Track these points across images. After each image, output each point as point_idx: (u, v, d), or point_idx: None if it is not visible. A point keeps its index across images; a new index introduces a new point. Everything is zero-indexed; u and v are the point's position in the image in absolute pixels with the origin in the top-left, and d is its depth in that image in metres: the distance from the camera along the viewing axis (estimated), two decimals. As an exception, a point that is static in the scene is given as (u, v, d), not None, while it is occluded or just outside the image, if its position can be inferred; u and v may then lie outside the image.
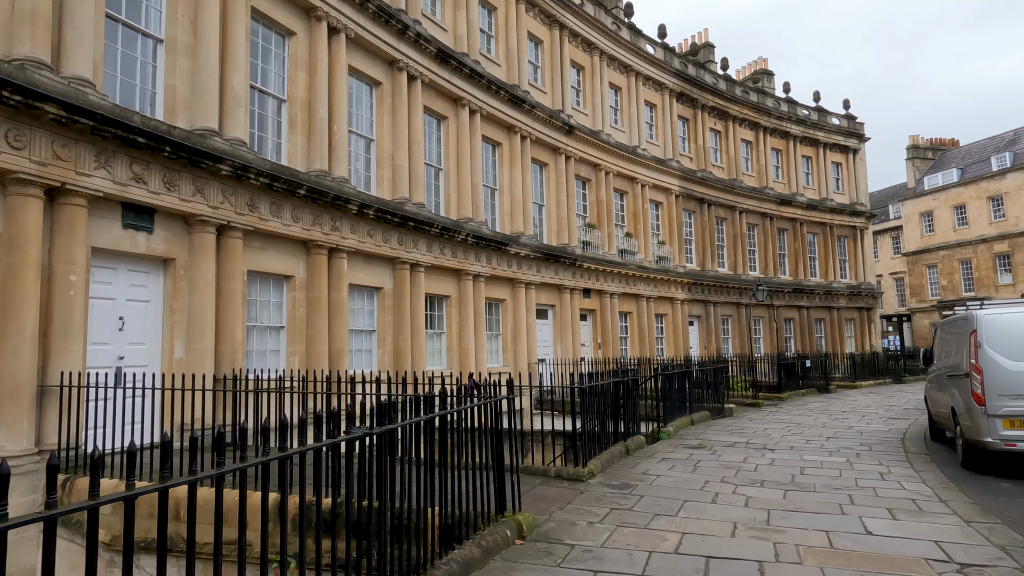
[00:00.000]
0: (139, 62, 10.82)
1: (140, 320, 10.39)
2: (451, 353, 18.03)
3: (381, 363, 15.44)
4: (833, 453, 10.70)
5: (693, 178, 30.19)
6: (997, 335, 8.94)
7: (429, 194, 18.11)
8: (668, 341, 28.12)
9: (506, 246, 19.69)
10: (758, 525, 6.37)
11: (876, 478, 8.65)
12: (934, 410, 11.99)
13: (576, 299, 23.42)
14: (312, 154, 13.78)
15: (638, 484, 8.20)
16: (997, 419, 8.71)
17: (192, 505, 2.95)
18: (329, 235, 13.70)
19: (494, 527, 5.68)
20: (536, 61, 23.46)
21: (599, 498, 7.45)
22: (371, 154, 16.14)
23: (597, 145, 25.10)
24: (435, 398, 5.07)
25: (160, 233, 10.54)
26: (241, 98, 11.97)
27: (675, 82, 29.98)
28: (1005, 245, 44.64)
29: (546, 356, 22.15)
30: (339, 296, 13.93)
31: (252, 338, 12.45)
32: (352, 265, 14.58)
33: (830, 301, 35.84)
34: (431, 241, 16.97)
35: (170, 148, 10.06)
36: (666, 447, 11.39)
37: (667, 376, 13.54)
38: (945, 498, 7.44)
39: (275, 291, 13.03)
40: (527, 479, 8.31)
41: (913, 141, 54.34)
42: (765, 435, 12.88)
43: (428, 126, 18.30)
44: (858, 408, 18.14)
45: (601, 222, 25.32)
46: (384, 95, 16.35)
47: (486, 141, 20.49)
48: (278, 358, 12.92)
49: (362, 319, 15.35)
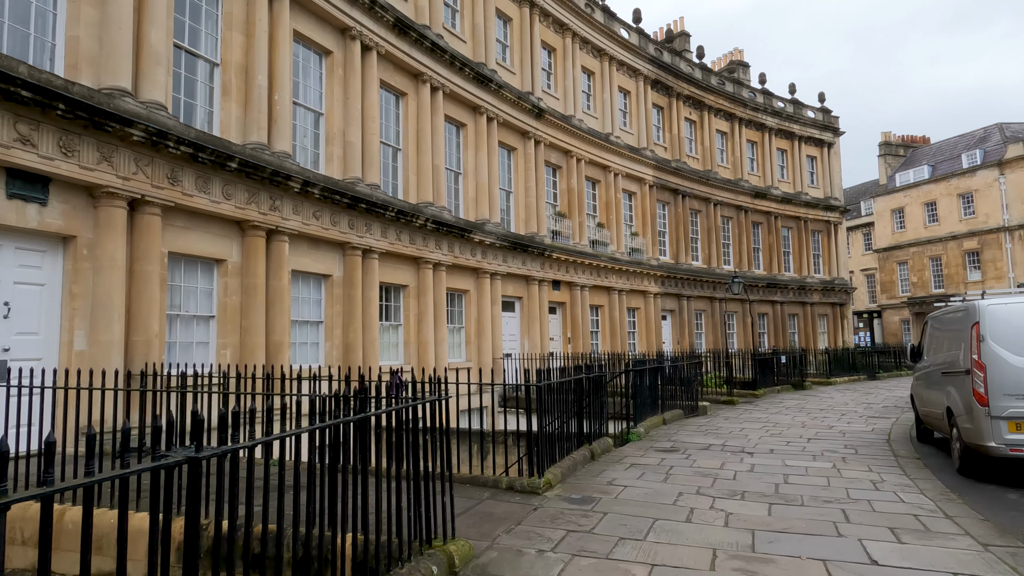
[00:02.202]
0: (34, 7, 9.34)
1: (32, 306, 8.96)
2: (408, 347, 16.78)
3: (328, 357, 14.14)
4: (817, 457, 9.74)
5: (668, 168, 29.29)
6: (1002, 328, 8.02)
7: (386, 175, 16.81)
8: (640, 336, 27.20)
9: (470, 233, 18.48)
10: (742, 552, 5.30)
11: (869, 488, 7.68)
12: (923, 410, 11.12)
13: (545, 291, 22.31)
14: (249, 125, 12.40)
15: (602, 498, 7.09)
16: (1001, 421, 7.79)
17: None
18: (267, 215, 12.35)
19: (416, 563, 4.50)
20: (505, 40, 22.23)
21: (555, 516, 6.31)
22: (320, 129, 14.78)
23: (568, 131, 23.98)
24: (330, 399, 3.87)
25: (57, 206, 9.11)
26: (161, 56, 10.54)
27: (650, 69, 29.01)
28: (975, 242, 44.75)
29: (512, 350, 21.02)
30: (279, 283, 12.59)
31: (175, 329, 11.07)
32: (295, 249, 13.25)
33: (804, 296, 35.36)
34: (386, 226, 15.67)
35: (64, 106, 8.64)
36: (636, 450, 10.33)
37: (638, 372, 12.49)
38: (951, 513, 6.46)
39: (204, 276, 11.65)
40: (474, 492, 7.15)
41: (885, 138, 54.36)
42: (742, 436, 11.91)
43: (386, 102, 16.98)
44: (836, 406, 17.36)
45: (572, 211, 24.23)
46: (335, 65, 14.99)
47: (449, 121, 19.23)
48: (207, 351, 11.55)
49: (307, 309, 14.02)
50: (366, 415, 3.93)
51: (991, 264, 43.65)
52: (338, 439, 3.89)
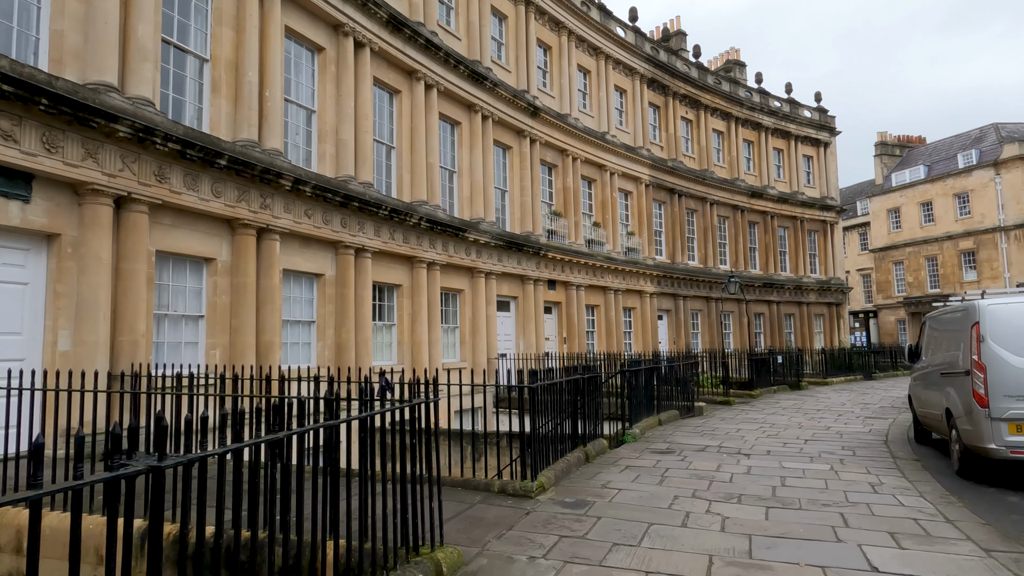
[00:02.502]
0: (17, 0, 9.15)
1: (15, 306, 8.77)
2: (402, 347, 16.61)
3: (320, 358, 13.96)
4: (814, 459, 9.61)
5: (664, 167, 29.17)
6: (1002, 328, 7.90)
7: (379, 174, 16.63)
8: (636, 336, 27.07)
9: (464, 232, 18.32)
10: (739, 559, 5.15)
11: (867, 490, 7.55)
12: (921, 411, 11.00)
13: (540, 291, 22.16)
14: (239, 122, 12.21)
15: (596, 501, 6.94)
16: (1002, 423, 7.67)
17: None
18: (258, 213, 12.17)
19: (402, 571, 4.34)
20: (500, 38, 22.07)
21: (548, 521, 6.16)
22: (312, 127, 14.60)
23: (564, 129, 23.84)
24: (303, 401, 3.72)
25: (41, 203, 8.92)
26: (148, 52, 10.35)
27: (646, 67, 28.88)
28: (971, 242, 44.75)
29: (508, 351, 20.87)
30: (270, 282, 12.40)
31: (163, 328, 10.88)
32: (287, 248, 13.07)
33: (800, 296, 35.28)
34: (380, 224, 15.50)
35: (48, 101, 8.45)
36: (631, 452, 10.18)
37: (633, 373, 12.35)
38: (952, 517, 6.33)
39: (193, 275, 11.46)
40: (465, 496, 6.99)
41: (881, 138, 54.35)
42: (739, 437, 11.78)
43: (379, 100, 16.80)
44: (833, 406, 17.25)
45: (568, 210, 24.09)
46: (327, 62, 14.81)
47: (444, 120, 19.07)
48: (196, 351, 11.37)
49: (299, 309, 13.84)
50: (335, 422, 3.77)
51: (987, 264, 43.66)
52: (308, 446, 3.74)
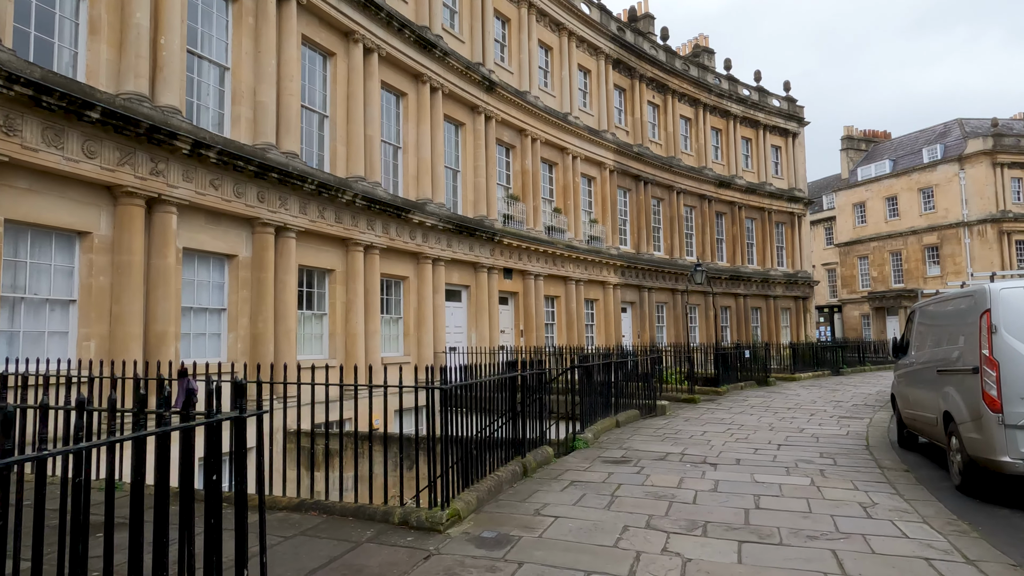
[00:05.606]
0: None
1: None
2: (334, 339, 14.84)
3: (232, 351, 12.15)
4: (791, 470, 8.23)
5: (629, 153, 27.80)
6: (1018, 317, 6.57)
7: (309, 145, 14.82)
8: (599, 329, 25.70)
9: (408, 213, 16.61)
10: (704, 635, 3.65)
11: (859, 514, 6.15)
12: (908, 412, 9.72)
13: (495, 279, 20.56)
14: (124, 71, 10.30)
15: (522, 536, 5.39)
16: (1018, 431, 6.34)
17: None
18: (147, 180, 10.29)
19: None
20: (452, 5, 20.33)
21: (451, 569, 4.59)
22: (225, 86, 12.72)
23: (523, 107, 22.23)
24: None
25: None
26: (-6, -27, 8.42)
27: (612, 47, 27.42)
28: (934, 237, 44.60)
29: (459, 344, 19.23)
30: (163, 262, 10.55)
31: (18, 316, 8.98)
32: (188, 223, 11.22)
33: (767, 289, 34.40)
34: (306, 201, 13.70)
35: None
36: (580, 461, 8.69)
37: (585, 369, 10.84)
38: (972, 556, 4.95)
39: (60, 253, 9.56)
40: (355, 530, 5.38)
41: (848, 132, 54.09)
42: (704, 442, 10.39)
43: (310, 62, 14.96)
44: (803, 404, 16.07)
45: (526, 194, 22.51)
46: (244, 14, 12.92)
47: (388, 89, 17.29)
48: (65, 343, 9.48)
49: (206, 294, 12.00)
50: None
51: (950, 259, 43.52)
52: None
